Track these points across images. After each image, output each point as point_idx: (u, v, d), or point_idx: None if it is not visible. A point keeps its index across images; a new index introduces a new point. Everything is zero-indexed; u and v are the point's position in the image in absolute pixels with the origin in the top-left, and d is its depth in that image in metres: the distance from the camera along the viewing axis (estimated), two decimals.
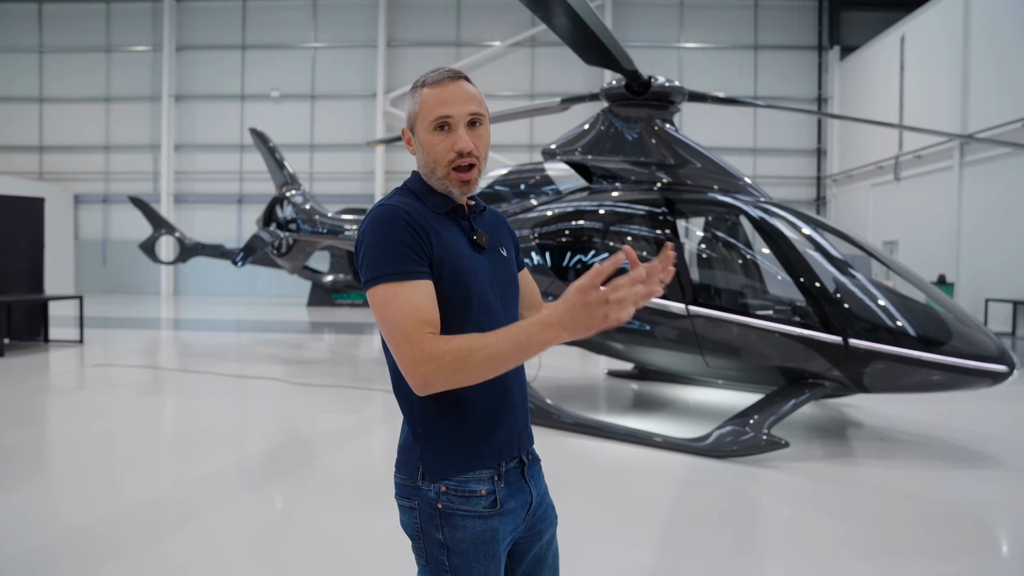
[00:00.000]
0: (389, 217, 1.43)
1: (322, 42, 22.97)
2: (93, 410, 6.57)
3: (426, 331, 1.35)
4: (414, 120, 1.54)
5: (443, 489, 1.49)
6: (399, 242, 1.40)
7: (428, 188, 1.55)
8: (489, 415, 1.52)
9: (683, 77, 21.77)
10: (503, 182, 7.47)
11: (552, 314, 1.27)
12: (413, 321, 1.35)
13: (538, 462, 1.68)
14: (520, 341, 1.29)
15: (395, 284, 1.38)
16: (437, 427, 1.50)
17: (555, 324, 1.26)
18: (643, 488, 4.47)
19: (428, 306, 1.38)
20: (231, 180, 23.32)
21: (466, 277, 1.48)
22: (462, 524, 1.49)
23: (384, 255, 1.39)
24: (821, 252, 5.57)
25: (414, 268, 1.39)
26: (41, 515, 3.84)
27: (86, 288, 23.40)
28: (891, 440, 5.70)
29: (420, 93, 1.52)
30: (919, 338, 5.07)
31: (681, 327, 5.72)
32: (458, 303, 1.46)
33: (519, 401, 1.60)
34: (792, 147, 22.22)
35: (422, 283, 1.40)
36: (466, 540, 1.49)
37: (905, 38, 17.89)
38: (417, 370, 1.33)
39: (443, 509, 1.49)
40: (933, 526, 3.94)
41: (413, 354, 1.33)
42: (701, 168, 6.34)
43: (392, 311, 1.36)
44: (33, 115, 23.75)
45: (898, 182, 18.06)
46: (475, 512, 1.49)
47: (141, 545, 3.43)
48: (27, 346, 10.21)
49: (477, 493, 1.50)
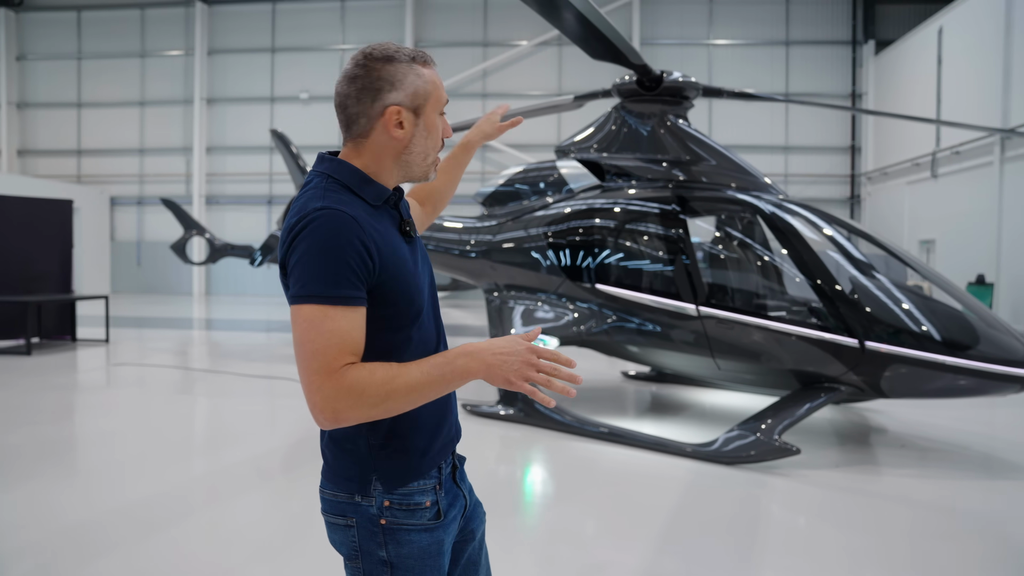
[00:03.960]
0: (335, 228, 1.26)
1: (350, 43, 23.13)
2: (108, 408, 6.64)
3: (348, 362, 1.26)
4: (424, 100, 1.42)
5: (386, 504, 1.40)
6: (343, 262, 1.25)
7: (363, 178, 1.39)
8: (433, 420, 1.46)
9: (712, 75, 21.43)
10: (516, 180, 7.37)
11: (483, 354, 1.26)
12: (337, 351, 1.24)
13: (463, 461, 1.62)
14: (441, 373, 1.28)
15: (327, 308, 1.25)
16: (384, 437, 1.40)
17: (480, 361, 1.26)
18: (645, 494, 4.34)
19: (356, 337, 1.27)
20: (261, 182, 23.63)
21: (409, 284, 1.38)
22: (408, 539, 1.40)
23: (322, 273, 1.25)
24: (839, 251, 5.36)
25: (353, 293, 1.27)
26: (43, 511, 3.86)
27: (121, 288, 23.95)
28: (912, 447, 5.46)
29: (423, 71, 1.42)
30: (943, 342, 4.84)
31: (691, 328, 5.56)
32: (403, 311, 1.38)
33: (453, 400, 1.56)
34: (825, 144, 21.72)
35: (356, 311, 1.28)
36: (412, 556, 1.41)
37: (943, 30, 17.33)
38: (330, 405, 1.23)
39: (387, 525, 1.40)
40: (952, 541, 3.73)
41: (328, 387, 1.23)
42: (716, 165, 6.17)
43: (317, 335, 1.24)
44: (72, 120, 24.38)
45: (935, 179, 17.50)
46: (421, 525, 1.42)
47: (142, 540, 3.42)
48: (55, 345, 10.42)
49: (422, 505, 1.42)
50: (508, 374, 1.23)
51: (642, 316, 5.83)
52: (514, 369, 1.22)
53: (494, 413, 6.06)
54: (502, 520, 3.93)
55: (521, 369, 1.22)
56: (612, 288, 5.95)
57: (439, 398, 1.43)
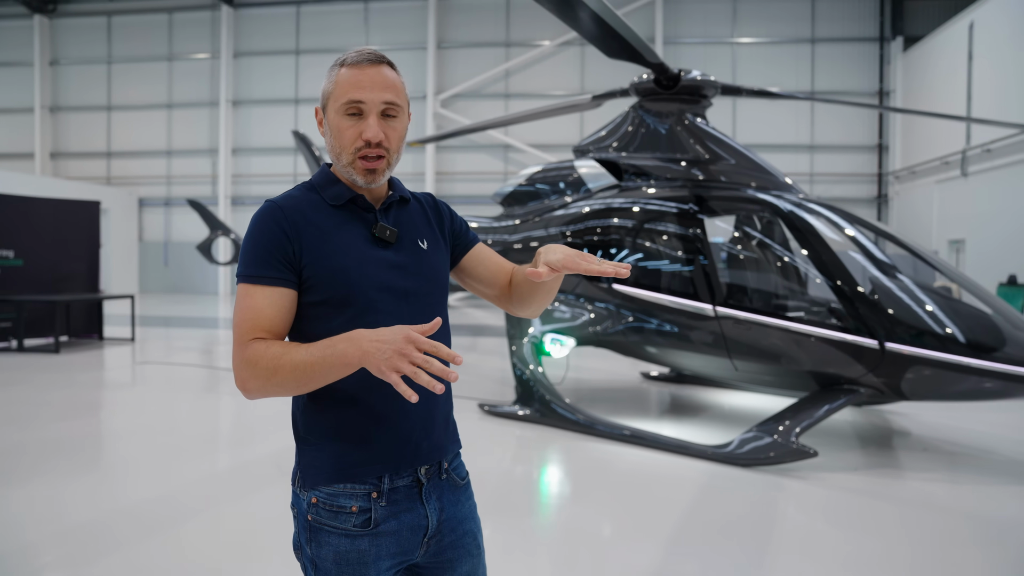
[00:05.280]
0: (260, 217, 1.40)
1: (373, 45, 23.11)
2: (131, 406, 6.75)
3: (255, 335, 1.34)
4: (326, 100, 1.44)
5: (313, 501, 1.41)
6: (262, 246, 1.37)
7: (331, 178, 1.48)
8: (371, 421, 1.40)
9: (736, 74, 21.21)
10: (534, 180, 7.36)
11: (361, 335, 1.23)
12: (249, 325, 1.34)
13: (458, 485, 1.53)
14: (324, 354, 1.26)
15: (249, 286, 1.37)
16: (313, 430, 1.43)
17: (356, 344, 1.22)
18: (660, 495, 4.30)
19: (270, 314, 1.36)
20: (285, 182, 23.84)
21: (348, 274, 1.39)
22: (327, 541, 1.39)
23: (248, 255, 1.38)
24: (860, 251, 5.27)
25: (269, 273, 1.36)
26: (67, 505, 3.94)
27: (149, 288, 24.34)
28: (936, 451, 5.35)
29: (336, 72, 1.43)
30: (968, 343, 4.73)
31: (708, 329, 5.50)
32: (337, 302, 1.39)
33: (422, 408, 1.43)
34: (851, 143, 21.38)
35: (273, 290, 1.37)
36: (328, 559, 1.39)
37: (974, 25, 16.96)
38: (237, 373, 1.34)
39: (311, 522, 1.41)
40: (978, 548, 3.65)
41: (237, 357, 1.34)
42: (735, 164, 6.10)
43: (238, 311, 1.37)
44: (102, 123, 24.83)
45: (965, 178, 17.14)
46: (341, 529, 1.39)
47: (162, 533, 3.47)
48: (83, 343, 10.62)
49: (347, 509, 1.39)
50: (380, 362, 1.18)
51: (659, 316, 5.78)
52: (385, 358, 1.18)
53: (511, 413, 6.06)
54: (518, 520, 3.93)
55: (392, 358, 1.17)
56: (629, 288, 5.92)
57: (379, 412, 1.39)
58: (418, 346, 1.18)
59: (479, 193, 21.38)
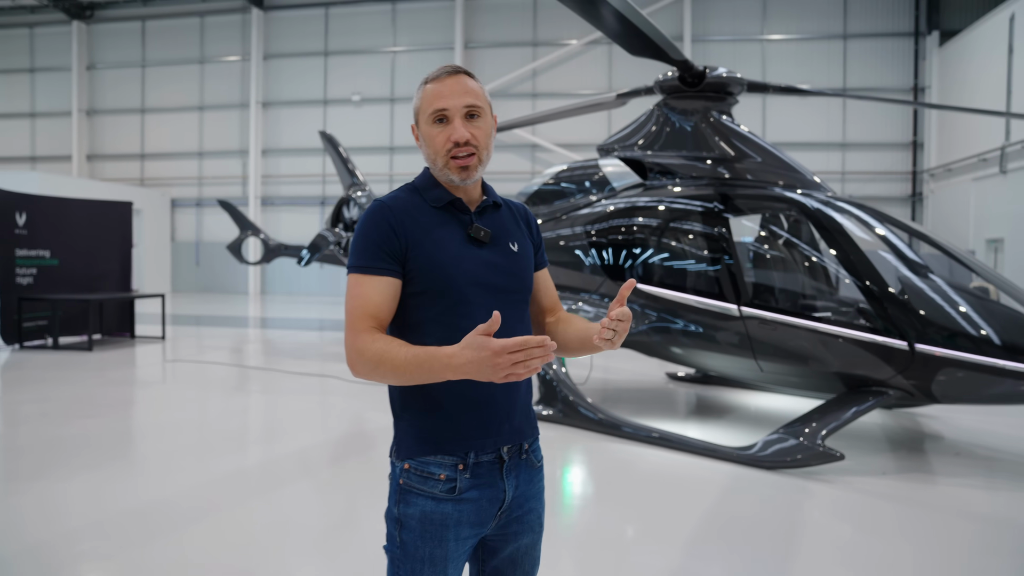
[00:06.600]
0: (370, 214, 1.57)
1: (401, 46, 23.41)
2: (161, 402, 6.86)
3: (367, 324, 1.50)
4: (417, 115, 1.62)
5: (407, 467, 1.58)
6: (372, 240, 1.54)
7: (432, 182, 1.64)
8: (459, 404, 1.56)
9: (767, 71, 20.92)
10: (559, 179, 7.33)
11: (457, 359, 1.35)
12: (360, 312, 1.51)
13: (534, 466, 1.68)
14: (423, 365, 1.41)
15: (359, 276, 1.53)
16: (409, 407, 1.59)
17: (456, 369, 1.36)
18: (683, 498, 4.25)
19: (378, 301, 1.52)
20: (314, 183, 24.12)
21: (445, 269, 1.54)
22: (415, 502, 1.56)
23: (358, 248, 1.55)
24: (889, 250, 5.16)
25: (378, 264, 1.53)
26: (99, 498, 4.02)
27: (181, 288, 24.77)
28: (969, 456, 5.21)
29: (422, 90, 1.61)
30: (1003, 345, 4.60)
31: (733, 329, 5.43)
32: (434, 293, 1.55)
33: (504, 396, 1.59)
34: (885, 141, 20.95)
35: (382, 279, 1.53)
36: (415, 518, 1.55)
37: (1015, 17, 16.51)
38: (349, 356, 1.51)
39: (403, 486, 1.58)
40: (1013, 557, 3.54)
41: (349, 342, 1.51)
42: (762, 163, 6.01)
43: (350, 299, 1.53)
44: (136, 125, 25.35)
45: (1004, 175, 16.69)
46: (429, 493, 1.55)
47: (190, 526, 3.53)
48: (115, 341, 10.83)
49: (436, 476, 1.56)
50: (489, 377, 1.32)
51: (683, 316, 5.72)
52: (489, 372, 1.31)
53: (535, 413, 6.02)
54: None
55: (497, 372, 1.30)
56: (653, 288, 5.86)
57: (468, 397, 1.55)
58: (507, 351, 1.28)
59: (507, 193, 21.07)
